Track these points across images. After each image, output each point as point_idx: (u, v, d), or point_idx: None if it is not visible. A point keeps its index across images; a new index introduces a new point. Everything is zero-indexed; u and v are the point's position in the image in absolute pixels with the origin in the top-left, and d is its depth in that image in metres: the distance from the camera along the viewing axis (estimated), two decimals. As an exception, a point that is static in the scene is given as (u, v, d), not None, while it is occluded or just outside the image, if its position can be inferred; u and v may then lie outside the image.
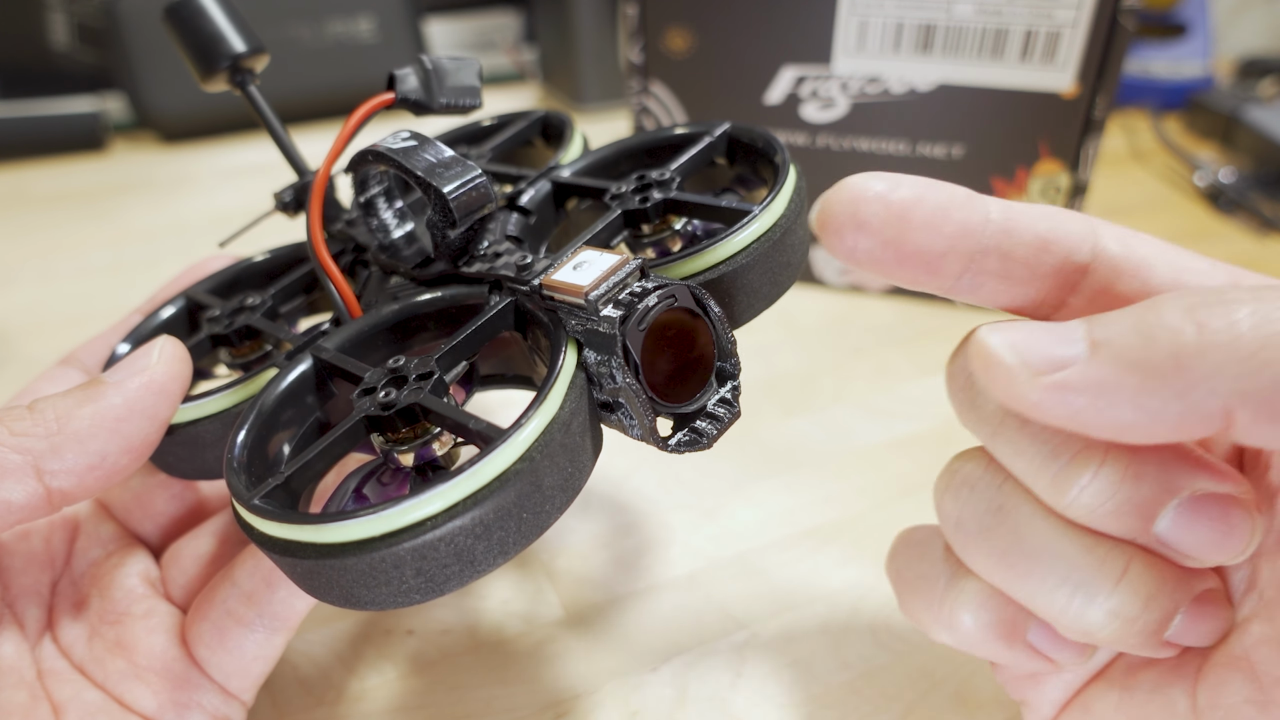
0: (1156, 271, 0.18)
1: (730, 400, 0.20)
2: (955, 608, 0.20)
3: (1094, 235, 0.19)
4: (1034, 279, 0.19)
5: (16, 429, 0.19)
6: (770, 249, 0.21)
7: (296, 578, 0.18)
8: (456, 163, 0.22)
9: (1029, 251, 0.18)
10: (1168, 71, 0.77)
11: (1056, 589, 0.17)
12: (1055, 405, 0.15)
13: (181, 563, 0.24)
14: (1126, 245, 0.18)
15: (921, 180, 0.18)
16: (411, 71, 0.24)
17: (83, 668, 0.22)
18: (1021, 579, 0.18)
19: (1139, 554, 0.17)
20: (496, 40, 0.95)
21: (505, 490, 0.16)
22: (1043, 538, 0.18)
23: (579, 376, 0.19)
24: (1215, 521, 0.16)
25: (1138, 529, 0.17)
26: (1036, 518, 0.18)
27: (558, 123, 0.29)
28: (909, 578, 0.22)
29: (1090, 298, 0.19)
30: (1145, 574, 0.17)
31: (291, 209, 0.27)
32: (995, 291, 0.19)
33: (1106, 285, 0.19)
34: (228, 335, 0.25)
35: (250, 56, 0.26)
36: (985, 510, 0.19)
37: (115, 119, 0.78)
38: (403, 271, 0.24)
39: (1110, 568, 0.17)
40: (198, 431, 0.22)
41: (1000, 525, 0.18)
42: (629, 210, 0.23)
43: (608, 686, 0.27)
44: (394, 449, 0.19)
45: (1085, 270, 0.19)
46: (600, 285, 0.19)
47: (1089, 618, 0.17)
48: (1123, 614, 0.17)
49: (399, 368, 0.19)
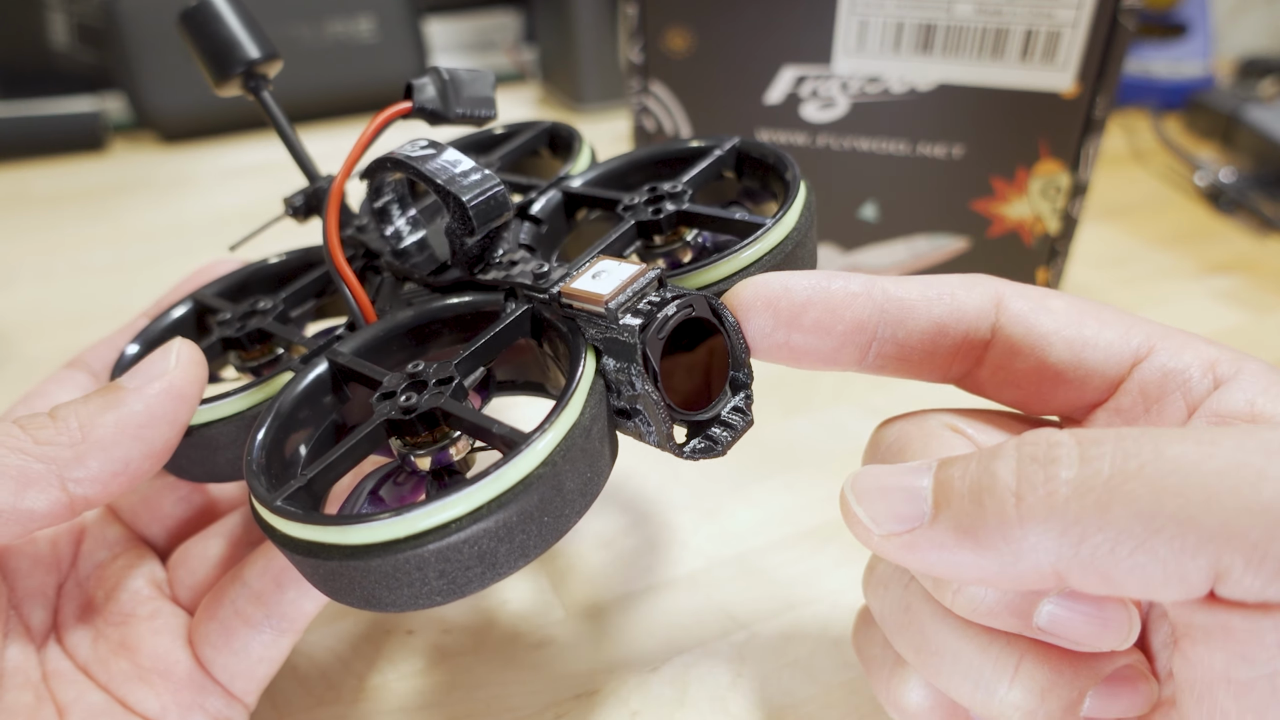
0: (1054, 352, 0.19)
1: (743, 409, 0.20)
2: (900, 694, 0.21)
3: (996, 313, 0.19)
4: (933, 359, 0.20)
5: (41, 437, 0.19)
6: (782, 261, 0.21)
7: (318, 579, 0.18)
8: (475, 171, 0.22)
9: (924, 339, 0.19)
10: (1168, 71, 0.77)
11: (962, 684, 0.18)
12: (908, 559, 0.16)
13: (189, 564, 0.24)
14: (1026, 324, 0.19)
15: (814, 280, 0.19)
16: (429, 81, 0.24)
17: (87, 669, 0.22)
18: (935, 673, 0.19)
19: (1033, 648, 0.18)
20: (496, 40, 0.95)
21: (529, 494, 0.16)
22: (943, 636, 0.18)
23: (598, 383, 0.19)
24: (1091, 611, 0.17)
25: (1020, 625, 0.17)
26: (936, 618, 0.19)
27: (565, 134, 0.29)
28: (865, 657, 0.23)
29: (993, 370, 0.20)
30: (1037, 669, 0.17)
31: (302, 214, 0.27)
32: (898, 370, 0.20)
33: (1005, 362, 0.19)
34: (239, 339, 0.25)
35: (264, 62, 0.27)
36: (897, 608, 0.20)
37: (115, 119, 0.78)
38: (417, 278, 0.24)
39: (1003, 664, 0.18)
40: (213, 434, 0.22)
41: (910, 624, 0.19)
42: (641, 221, 0.23)
43: (608, 686, 0.27)
44: (412, 453, 0.19)
45: (987, 345, 0.19)
46: (620, 294, 0.19)
47: (995, 711, 0.18)
48: (1023, 706, 0.17)
49: (418, 372, 0.19)
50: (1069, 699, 0.17)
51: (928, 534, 0.16)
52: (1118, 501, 0.14)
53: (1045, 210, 0.44)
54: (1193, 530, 0.13)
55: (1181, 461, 0.14)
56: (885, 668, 0.21)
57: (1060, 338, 0.19)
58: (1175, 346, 0.18)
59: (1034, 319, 0.19)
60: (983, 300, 0.19)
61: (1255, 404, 0.17)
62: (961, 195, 0.45)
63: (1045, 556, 0.14)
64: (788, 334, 0.19)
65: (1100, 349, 0.19)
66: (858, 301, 0.19)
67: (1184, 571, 0.14)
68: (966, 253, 0.46)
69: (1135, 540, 0.14)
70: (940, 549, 0.16)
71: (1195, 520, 0.13)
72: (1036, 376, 0.19)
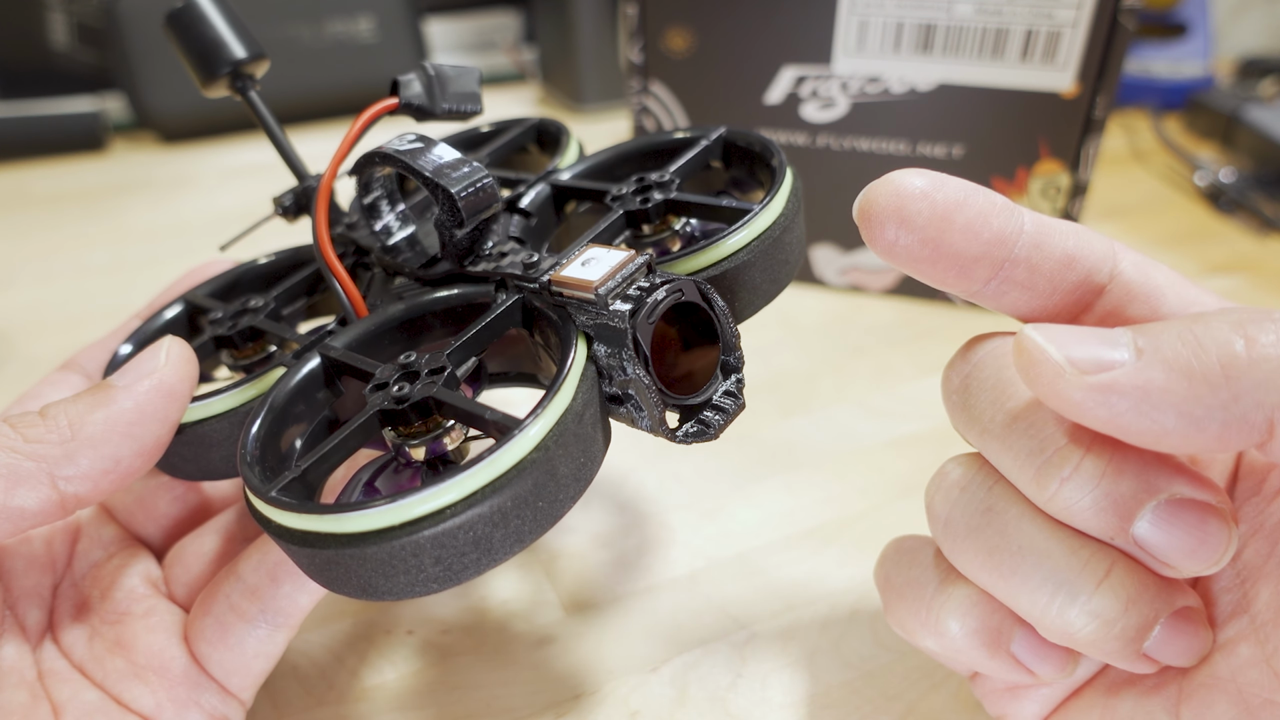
0: (1167, 301, 0.19)
1: (735, 393, 0.20)
2: (942, 613, 0.20)
3: (1114, 258, 0.19)
4: (1055, 293, 0.19)
5: (30, 435, 0.19)
6: (770, 247, 0.21)
7: (314, 570, 0.18)
8: (463, 163, 0.22)
9: (1054, 267, 0.19)
10: (1168, 71, 0.77)
11: (1040, 587, 0.18)
12: (1098, 406, 0.15)
13: (185, 561, 0.24)
14: (1143, 272, 0.19)
15: (964, 183, 0.18)
16: (415, 78, 0.25)
17: (82, 667, 0.22)
18: (1007, 578, 0.18)
19: (1122, 559, 0.17)
20: (496, 40, 0.95)
21: (523, 478, 0.16)
22: (1029, 537, 0.18)
23: (590, 369, 0.19)
24: (1192, 528, 0.16)
25: (1116, 528, 0.17)
26: (1024, 518, 0.18)
27: (553, 129, 0.30)
28: (898, 583, 0.22)
29: (1101, 318, 0.19)
30: (1127, 578, 0.17)
31: (291, 213, 0.27)
32: (1016, 300, 0.19)
33: (1118, 308, 0.19)
34: (231, 337, 0.25)
35: (251, 62, 0.27)
36: (975, 510, 0.19)
37: (115, 119, 0.78)
38: (407, 272, 0.24)
39: (1093, 568, 0.17)
40: (205, 431, 0.22)
41: (989, 525, 0.19)
42: (630, 211, 0.23)
43: (608, 686, 0.27)
44: (406, 443, 0.19)
45: (1101, 291, 0.19)
46: (609, 280, 0.19)
47: (1070, 618, 0.17)
48: (1103, 615, 0.17)
49: (410, 363, 0.20)
50: (1147, 618, 0.17)
51: (1130, 374, 0.15)
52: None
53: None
54: None
55: None
56: (926, 591, 0.21)
57: (1174, 291, 0.19)
58: None
59: (1150, 270, 0.19)
60: (1106, 245, 0.19)
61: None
62: (961, 195, 0.45)
63: (1267, 401, 0.14)
64: (940, 229, 0.18)
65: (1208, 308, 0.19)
66: (1007, 212, 0.19)
67: None
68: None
69: None
70: (1143, 390, 0.15)
71: None
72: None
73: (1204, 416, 0.15)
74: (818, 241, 0.48)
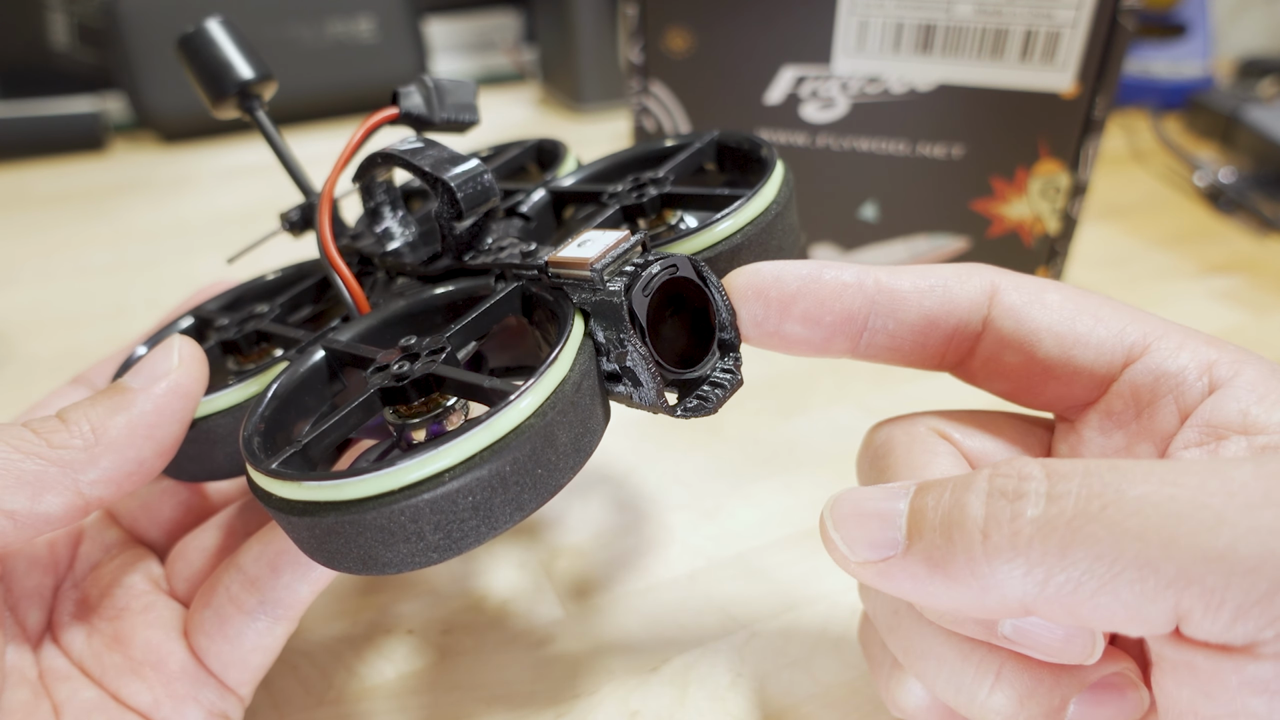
0: (1042, 347, 0.19)
1: (733, 369, 0.20)
2: (897, 693, 0.21)
3: (989, 305, 0.19)
4: (925, 348, 0.20)
5: (55, 441, 0.19)
6: (762, 231, 0.22)
7: (314, 544, 0.18)
8: (462, 159, 0.23)
9: (915, 331, 0.20)
10: (1168, 71, 0.77)
11: (947, 687, 0.18)
12: (883, 587, 0.17)
13: (187, 556, 0.24)
14: (1019, 318, 0.19)
15: (806, 271, 0.19)
16: (414, 89, 0.25)
17: (82, 665, 0.22)
18: (922, 675, 0.19)
19: (1014, 656, 0.18)
20: (496, 40, 0.96)
21: (521, 443, 0.17)
22: (927, 642, 0.19)
23: (587, 344, 0.19)
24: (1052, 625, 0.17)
25: (987, 634, 0.17)
26: (920, 623, 0.19)
27: (551, 148, 0.30)
28: (868, 655, 0.23)
29: (984, 362, 0.20)
30: (1018, 675, 0.18)
31: (298, 228, 0.28)
32: (890, 358, 0.20)
33: (994, 355, 0.20)
34: (237, 341, 0.25)
35: (258, 83, 0.28)
36: (886, 612, 0.20)
37: (115, 119, 0.78)
38: (409, 270, 0.25)
39: (984, 670, 0.18)
40: (211, 427, 0.22)
41: (898, 627, 0.20)
42: (626, 205, 0.24)
43: (608, 686, 0.27)
44: (406, 424, 0.19)
45: (979, 337, 0.20)
46: (604, 258, 0.19)
47: (978, 715, 0.18)
48: (1003, 712, 0.18)
49: (410, 345, 0.20)
50: (1050, 706, 0.17)
51: (901, 564, 0.16)
52: (1080, 543, 0.14)
53: (1045, 210, 0.44)
54: (1152, 575, 0.13)
55: (1143, 503, 0.14)
56: (885, 667, 0.22)
57: (1050, 333, 0.19)
58: (1173, 346, 0.18)
59: (1025, 313, 0.19)
60: (976, 293, 0.19)
61: (1249, 414, 0.17)
62: (961, 195, 0.45)
63: (1012, 591, 0.15)
64: (779, 323, 0.19)
65: (1091, 346, 0.19)
66: (848, 292, 0.19)
67: (1146, 613, 0.14)
68: (966, 253, 0.46)
69: (1098, 582, 0.14)
70: (913, 579, 0.16)
71: (1154, 565, 0.13)
72: (1025, 371, 0.19)
73: (968, 604, 0.15)
74: (818, 241, 0.48)
